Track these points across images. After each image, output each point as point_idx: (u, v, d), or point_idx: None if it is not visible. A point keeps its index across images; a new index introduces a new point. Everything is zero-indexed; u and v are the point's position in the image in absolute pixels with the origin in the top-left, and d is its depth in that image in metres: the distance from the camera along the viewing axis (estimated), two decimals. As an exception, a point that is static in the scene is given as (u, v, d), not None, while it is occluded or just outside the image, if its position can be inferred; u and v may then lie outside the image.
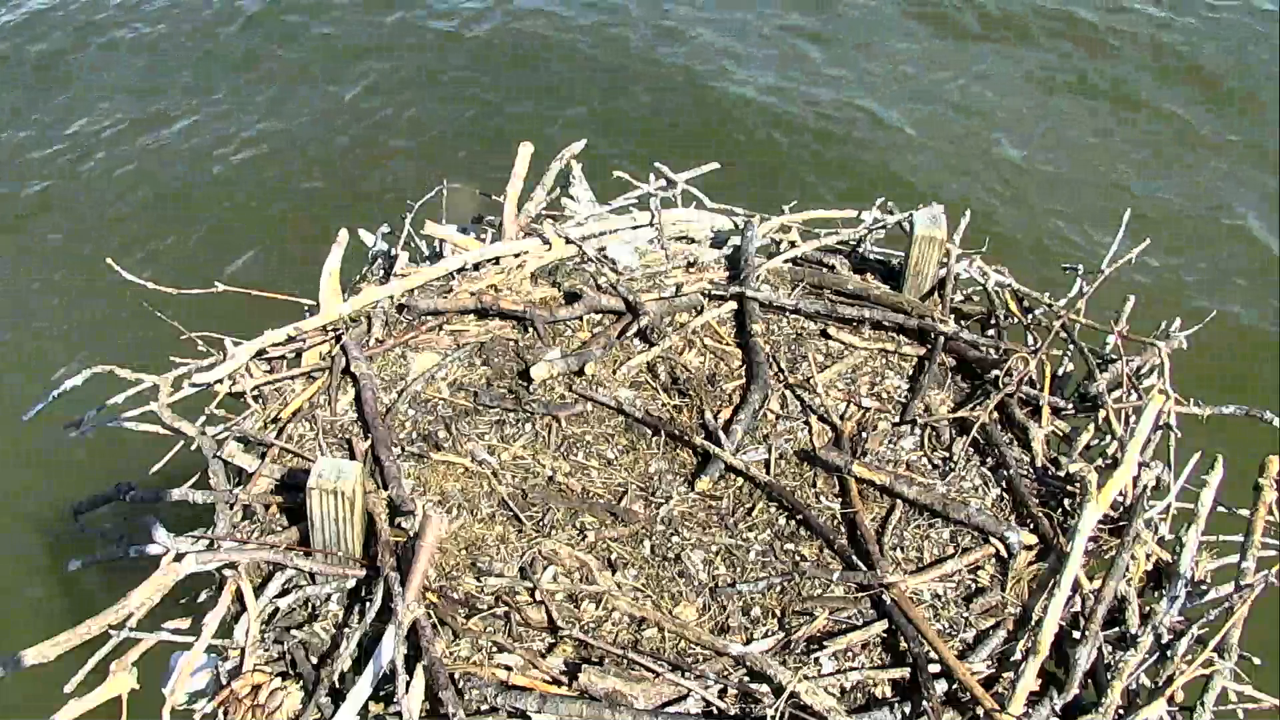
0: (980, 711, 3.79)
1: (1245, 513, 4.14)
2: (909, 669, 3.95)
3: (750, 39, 12.76)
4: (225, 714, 3.89)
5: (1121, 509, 4.44)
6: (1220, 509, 4.24)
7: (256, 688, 3.91)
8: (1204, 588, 4.14)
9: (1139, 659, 3.85)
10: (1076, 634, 3.97)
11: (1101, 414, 4.84)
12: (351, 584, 4.20)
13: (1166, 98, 11.82)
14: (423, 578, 3.95)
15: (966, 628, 4.15)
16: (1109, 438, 4.80)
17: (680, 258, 5.82)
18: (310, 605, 4.17)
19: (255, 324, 5.25)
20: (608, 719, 3.72)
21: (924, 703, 3.79)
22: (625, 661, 3.94)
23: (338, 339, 5.24)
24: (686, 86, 12.04)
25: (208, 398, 4.98)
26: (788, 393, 5.07)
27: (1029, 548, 4.38)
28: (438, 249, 6.06)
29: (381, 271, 6.09)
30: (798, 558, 4.37)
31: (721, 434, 4.76)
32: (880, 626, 4.11)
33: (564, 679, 3.88)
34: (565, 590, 4.21)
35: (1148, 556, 4.25)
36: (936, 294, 5.49)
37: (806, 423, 4.94)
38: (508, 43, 12.75)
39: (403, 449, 4.76)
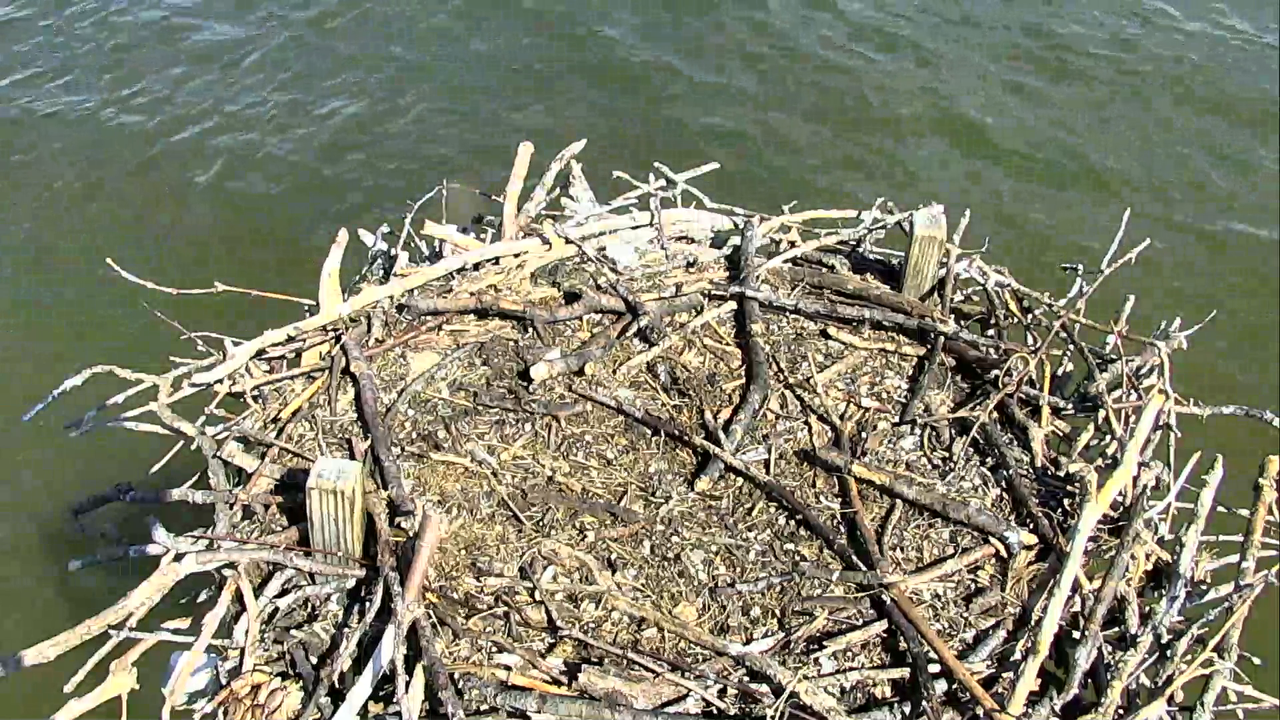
0: (980, 711, 3.79)
1: (1245, 513, 4.14)
2: (909, 669, 3.95)
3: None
4: (225, 714, 3.89)
5: (1121, 509, 4.44)
6: (1220, 509, 4.25)
7: (256, 688, 3.91)
8: (1204, 588, 4.14)
9: (1139, 659, 3.85)
10: (1076, 634, 3.97)
11: (1101, 414, 4.84)
12: (351, 584, 4.20)
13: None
14: (422, 578, 3.95)
15: (966, 628, 4.15)
16: (1109, 438, 4.80)
17: (680, 258, 5.82)
18: (310, 605, 4.17)
19: (255, 324, 5.26)
20: (608, 719, 3.72)
21: (924, 703, 3.79)
22: (625, 661, 3.94)
23: (338, 339, 5.24)
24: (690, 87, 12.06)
25: (208, 398, 4.98)
26: (788, 393, 5.07)
27: (1029, 548, 4.38)
28: (438, 249, 6.06)
29: (381, 271, 6.09)
30: (798, 558, 4.37)
31: (721, 434, 4.76)
32: (880, 626, 4.11)
33: (564, 679, 3.88)
34: (565, 590, 4.21)
35: (1148, 556, 4.26)
36: (936, 294, 5.49)
37: (806, 423, 4.94)
38: (510, 41, 12.75)
39: (402, 449, 4.76)
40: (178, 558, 4.09)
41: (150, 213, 10.59)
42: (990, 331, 5.46)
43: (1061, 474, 4.64)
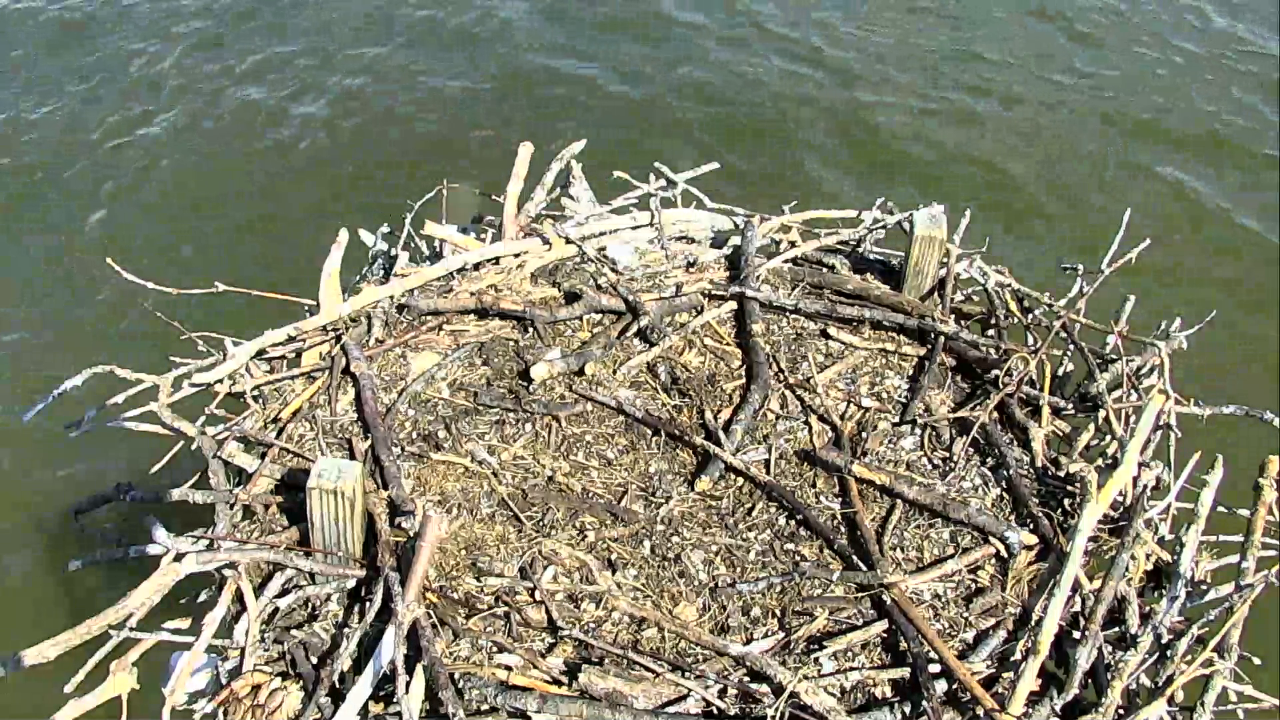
0: (980, 711, 3.79)
1: (1245, 513, 4.14)
2: (909, 669, 3.95)
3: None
4: (225, 714, 3.89)
5: (1121, 509, 4.45)
6: (1220, 509, 4.25)
7: (256, 688, 3.91)
8: (1204, 588, 4.14)
9: (1139, 659, 3.85)
10: (1076, 634, 3.98)
11: (1101, 414, 4.84)
12: (351, 584, 4.20)
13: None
14: (423, 578, 3.95)
15: (966, 628, 4.15)
16: (1109, 438, 4.80)
17: (680, 258, 5.82)
18: (310, 605, 4.17)
19: (255, 324, 5.26)
20: (608, 719, 3.72)
21: (924, 703, 3.79)
22: (625, 661, 3.94)
23: (338, 339, 5.24)
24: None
25: (208, 398, 4.98)
26: (788, 393, 5.07)
27: (1029, 548, 4.38)
28: (438, 249, 6.06)
29: (381, 271, 6.09)
30: (798, 558, 4.37)
31: (721, 434, 4.76)
32: (880, 626, 4.11)
33: (564, 679, 3.88)
34: (565, 590, 4.21)
35: (1148, 556, 4.26)
36: (936, 294, 5.49)
37: (806, 423, 4.94)
38: (510, 39, 12.76)
39: (403, 449, 4.76)
40: (178, 558, 4.09)
41: (155, 210, 10.59)
42: (990, 331, 5.46)
43: (1061, 474, 4.65)
